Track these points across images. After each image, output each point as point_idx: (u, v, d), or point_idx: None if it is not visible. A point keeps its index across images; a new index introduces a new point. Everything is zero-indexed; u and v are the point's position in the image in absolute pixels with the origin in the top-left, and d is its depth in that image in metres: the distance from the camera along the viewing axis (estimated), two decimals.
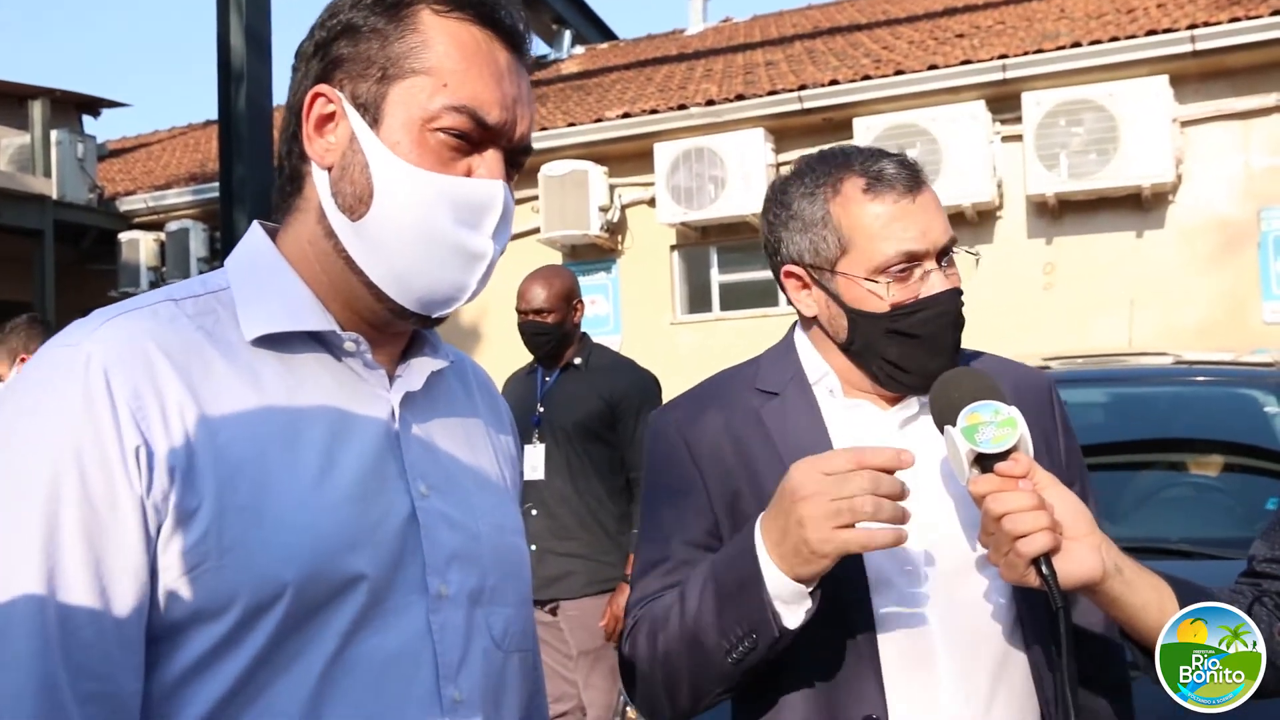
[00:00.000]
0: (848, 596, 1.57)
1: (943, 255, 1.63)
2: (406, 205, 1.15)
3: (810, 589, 1.45)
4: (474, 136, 1.17)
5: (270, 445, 1.11)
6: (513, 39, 1.22)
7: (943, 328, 1.62)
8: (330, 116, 1.18)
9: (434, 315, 1.22)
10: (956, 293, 1.63)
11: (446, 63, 1.16)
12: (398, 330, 1.26)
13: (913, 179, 1.63)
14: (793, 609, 1.45)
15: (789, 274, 1.72)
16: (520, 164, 1.24)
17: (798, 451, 1.63)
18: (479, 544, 1.25)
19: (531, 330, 4.43)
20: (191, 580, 1.05)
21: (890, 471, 1.39)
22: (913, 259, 1.60)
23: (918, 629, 1.57)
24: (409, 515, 1.18)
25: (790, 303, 1.76)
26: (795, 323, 1.81)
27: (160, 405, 1.06)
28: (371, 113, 1.16)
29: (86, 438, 1.03)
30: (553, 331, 4.41)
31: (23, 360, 4.33)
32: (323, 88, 1.18)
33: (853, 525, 1.37)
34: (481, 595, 1.23)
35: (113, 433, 1.04)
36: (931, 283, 1.61)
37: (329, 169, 1.18)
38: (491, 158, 1.19)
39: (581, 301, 4.51)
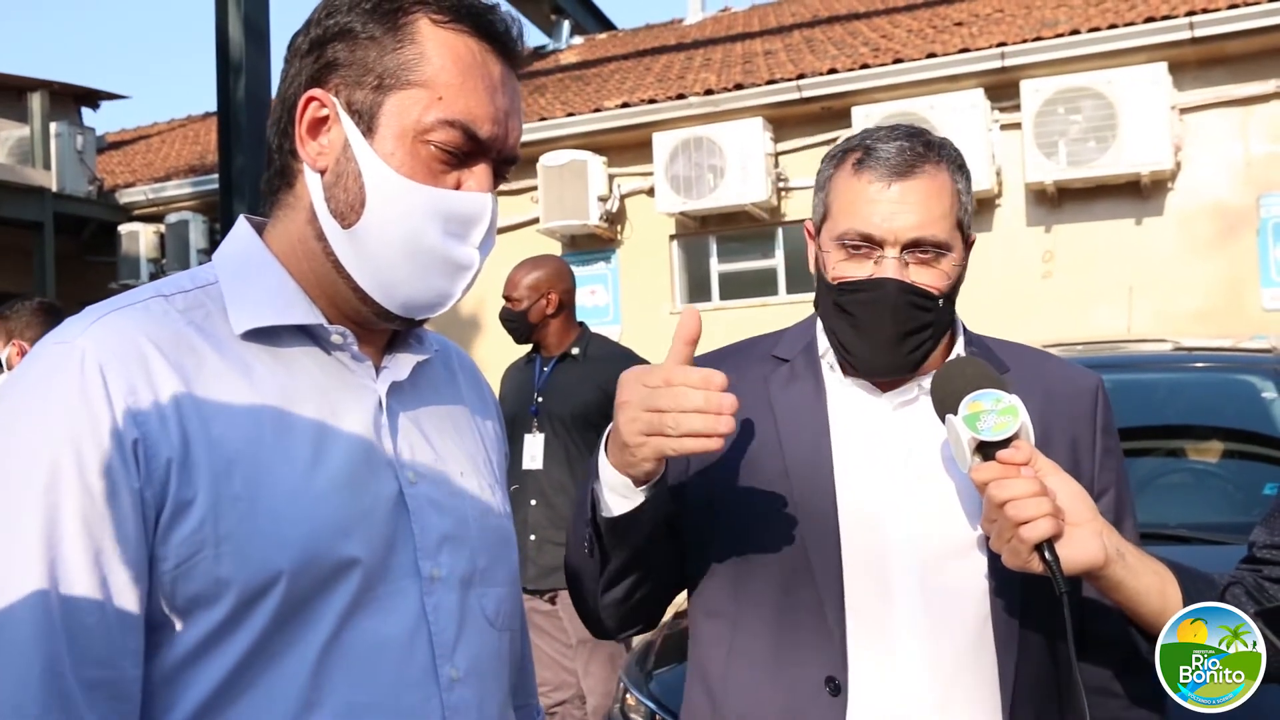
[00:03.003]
0: (820, 563, 1.60)
1: (912, 248, 1.60)
2: (397, 216, 1.17)
3: (643, 486, 1.48)
4: (465, 150, 1.19)
5: (263, 436, 1.13)
6: (507, 50, 1.23)
7: (873, 314, 1.60)
8: (324, 120, 1.19)
9: (416, 318, 1.25)
10: (901, 285, 1.59)
11: (442, 76, 1.17)
12: (381, 327, 1.28)
13: (904, 166, 1.61)
14: (620, 499, 1.49)
15: (806, 228, 1.76)
16: (506, 172, 1.26)
17: (792, 421, 1.67)
18: (467, 527, 1.28)
19: (501, 314, 4.53)
20: (189, 569, 1.08)
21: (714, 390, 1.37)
22: (868, 241, 1.60)
23: (882, 608, 1.59)
24: (398, 501, 1.21)
25: None
26: None
27: (155, 399, 1.08)
28: (366, 121, 1.17)
29: (85, 432, 1.05)
30: (517, 319, 4.47)
31: (16, 345, 4.35)
32: (317, 92, 1.19)
33: (662, 434, 1.38)
34: (473, 576, 1.26)
35: (109, 427, 1.06)
36: (883, 269, 1.60)
37: (322, 172, 1.19)
38: (481, 171, 1.21)
39: (559, 295, 4.48)
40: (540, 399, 4.46)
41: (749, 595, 1.65)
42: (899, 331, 1.60)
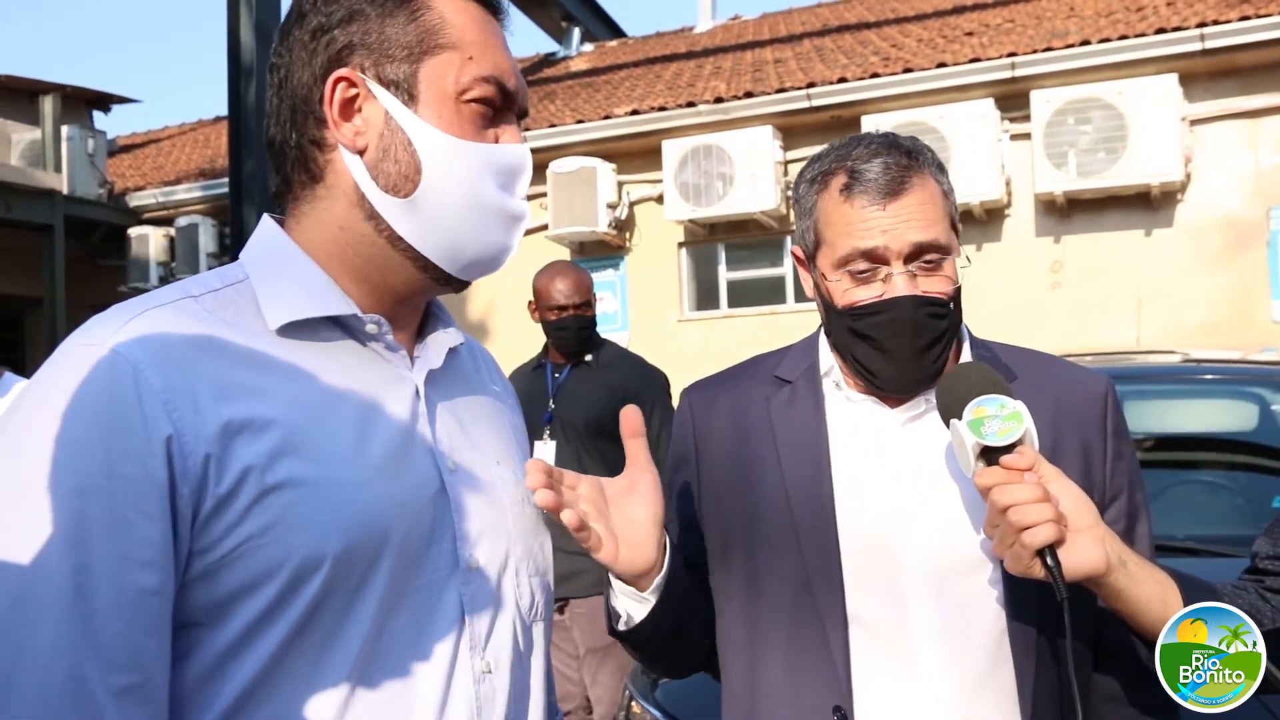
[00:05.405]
0: (822, 588, 1.60)
1: (916, 258, 1.58)
2: (455, 176, 1.20)
3: (645, 593, 1.56)
4: (498, 104, 1.23)
5: (304, 425, 1.13)
6: (499, 13, 1.28)
7: (894, 334, 1.58)
8: (352, 100, 1.20)
9: (472, 279, 1.28)
10: (917, 300, 1.57)
11: (467, 36, 1.22)
12: (421, 303, 1.30)
13: (894, 184, 1.58)
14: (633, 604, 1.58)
15: (794, 253, 1.74)
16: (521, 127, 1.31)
17: (791, 446, 1.66)
18: (504, 515, 1.28)
19: (576, 325, 4.42)
20: (234, 560, 1.07)
21: None
22: (873, 260, 1.58)
23: (899, 626, 1.58)
24: (439, 489, 1.21)
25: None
26: None
27: (191, 394, 1.08)
28: (406, 90, 1.19)
29: (115, 436, 1.04)
30: (590, 324, 4.47)
31: None
32: (344, 72, 1.19)
33: None
34: (508, 566, 1.27)
35: (140, 425, 1.05)
36: (893, 286, 1.58)
37: (361, 151, 1.20)
38: (511, 124, 1.26)
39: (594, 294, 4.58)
40: (554, 405, 4.44)
41: (761, 627, 1.65)
42: (921, 346, 1.59)
